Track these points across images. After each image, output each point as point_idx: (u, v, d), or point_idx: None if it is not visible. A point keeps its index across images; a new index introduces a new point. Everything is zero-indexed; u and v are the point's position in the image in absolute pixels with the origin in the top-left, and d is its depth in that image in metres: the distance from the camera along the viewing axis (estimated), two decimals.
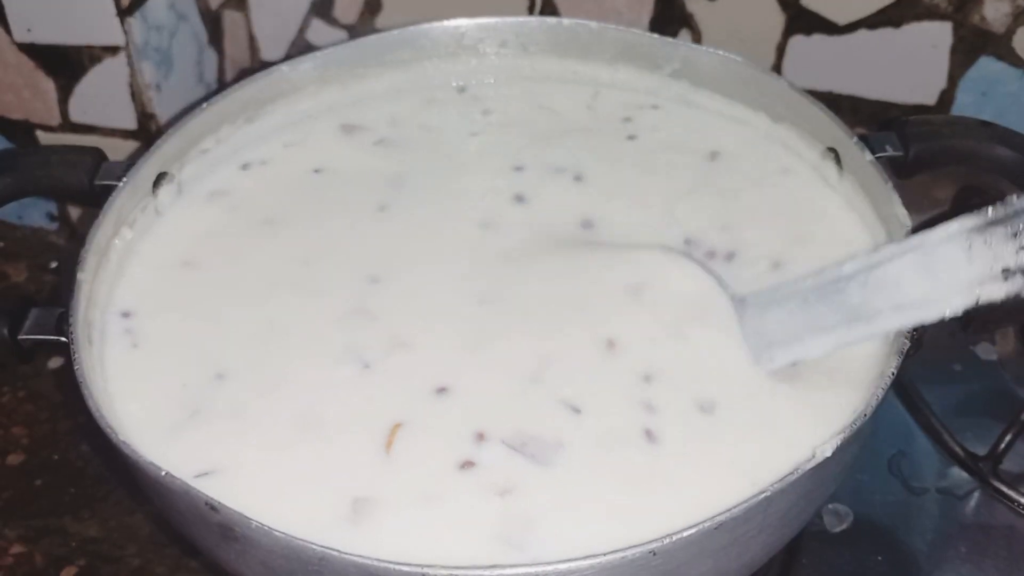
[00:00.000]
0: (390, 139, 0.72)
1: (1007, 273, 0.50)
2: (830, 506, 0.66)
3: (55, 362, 0.83)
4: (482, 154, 0.72)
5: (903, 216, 0.59)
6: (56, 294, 0.89)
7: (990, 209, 0.51)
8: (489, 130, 0.73)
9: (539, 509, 0.52)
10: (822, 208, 0.66)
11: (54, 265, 0.92)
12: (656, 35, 0.72)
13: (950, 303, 0.52)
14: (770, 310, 0.58)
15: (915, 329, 0.54)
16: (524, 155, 0.70)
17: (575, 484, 0.53)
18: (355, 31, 0.90)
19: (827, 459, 0.50)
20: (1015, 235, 0.50)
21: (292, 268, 0.64)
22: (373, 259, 0.64)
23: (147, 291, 0.64)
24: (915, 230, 0.77)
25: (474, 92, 0.75)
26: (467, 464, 0.54)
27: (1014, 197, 0.51)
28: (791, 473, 0.49)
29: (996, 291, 0.51)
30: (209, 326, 0.61)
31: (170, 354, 0.60)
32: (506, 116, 0.74)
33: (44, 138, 0.86)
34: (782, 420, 0.55)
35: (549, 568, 0.46)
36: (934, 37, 0.80)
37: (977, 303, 0.51)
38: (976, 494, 0.67)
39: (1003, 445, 0.67)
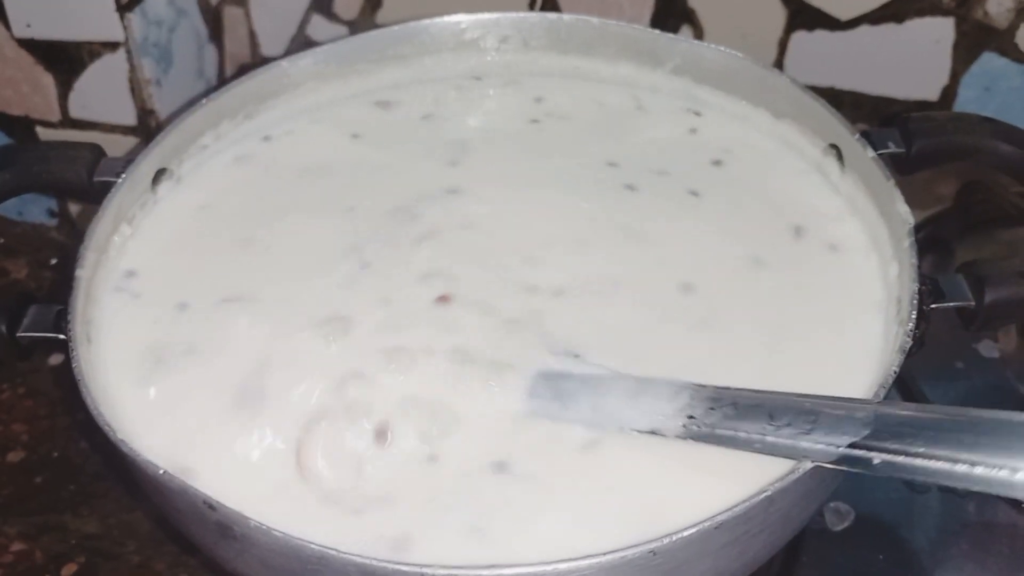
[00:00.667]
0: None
1: (701, 428, 0.53)
2: (832, 504, 0.66)
3: (55, 359, 0.83)
4: None
5: (905, 213, 0.59)
6: (56, 291, 0.89)
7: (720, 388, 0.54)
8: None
9: None
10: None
11: (54, 261, 0.92)
12: (657, 31, 0.72)
13: (636, 424, 0.55)
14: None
15: (917, 327, 0.54)
16: None
17: None
18: (356, 26, 0.90)
19: None
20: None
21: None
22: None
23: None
24: (918, 227, 0.78)
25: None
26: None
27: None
28: (792, 472, 0.49)
29: (676, 432, 0.53)
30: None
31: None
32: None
33: (44, 134, 0.86)
34: None
35: (548, 568, 0.46)
36: (936, 32, 0.80)
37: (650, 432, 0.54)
38: (978, 493, 0.66)
39: None
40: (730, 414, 0.52)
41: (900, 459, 0.48)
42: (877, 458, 0.48)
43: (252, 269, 0.63)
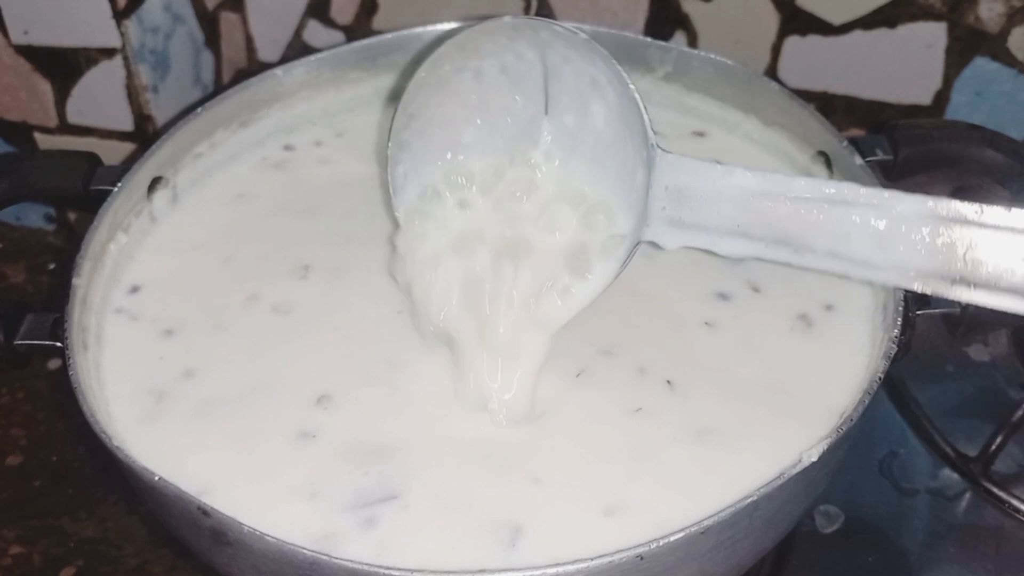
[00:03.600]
0: None
1: (954, 280, 0.50)
2: (821, 507, 0.67)
3: (54, 363, 0.83)
4: None
5: None
6: (54, 296, 0.89)
7: (975, 207, 0.51)
8: None
9: None
10: None
11: (52, 266, 0.92)
12: (649, 39, 0.72)
13: (886, 277, 0.52)
14: (693, 184, 0.55)
15: (903, 333, 0.54)
16: None
17: None
18: (351, 32, 0.90)
19: (814, 463, 0.50)
20: (967, 250, 0.50)
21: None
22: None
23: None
24: None
25: None
26: None
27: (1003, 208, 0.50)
28: (777, 478, 0.49)
29: (937, 290, 0.51)
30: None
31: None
32: None
33: (41, 140, 0.87)
34: None
35: (536, 573, 0.47)
36: (929, 37, 0.80)
37: (912, 291, 0.52)
38: (967, 495, 0.67)
39: (994, 446, 0.67)
40: None
41: None
42: None
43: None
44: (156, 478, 0.51)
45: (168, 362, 0.60)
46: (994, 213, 0.50)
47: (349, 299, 0.63)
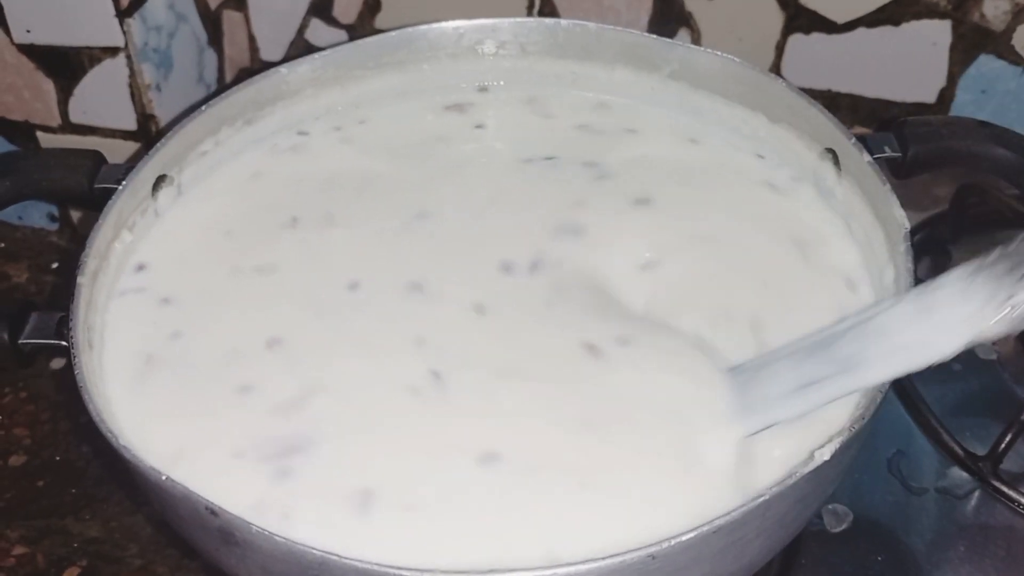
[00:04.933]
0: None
1: (1006, 302, 0.49)
2: (829, 506, 0.66)
3: (57, 363, 0.83)
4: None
5: (901, 217, 0.59)
6: (57, 295, 0.89)
7: (992, 254, 0.51)
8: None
9: None
10: None
11: (55, 265, 0.92)
12: (654, 36, 0.72)
13: (948, 343, 0.50)
14: (759, 374, 0.56)
15: None
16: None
17: None
18: (354, 31, 0.90)
19: (825, 462, 0.49)
20: (1013, 268, 0.50)
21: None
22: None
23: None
24: (915, 229, 0.78)
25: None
26: None
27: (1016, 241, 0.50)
28: (789, 477, 0.49)
29: (995, 323, 0.49)
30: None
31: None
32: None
33: (44, 139, 0.87)
34: None
35: (547, 572, 0.46)
36: (933, 35, 0.80)
37: (975, 339, 0.50)
38: (976, 494, 0.67)
39: (1003, 445, 0.67)
40: None
41: None
42: None
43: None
44: (163, 477, 0.50)
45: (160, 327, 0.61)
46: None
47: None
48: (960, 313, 0.50)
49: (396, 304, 0.62)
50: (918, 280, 0.56)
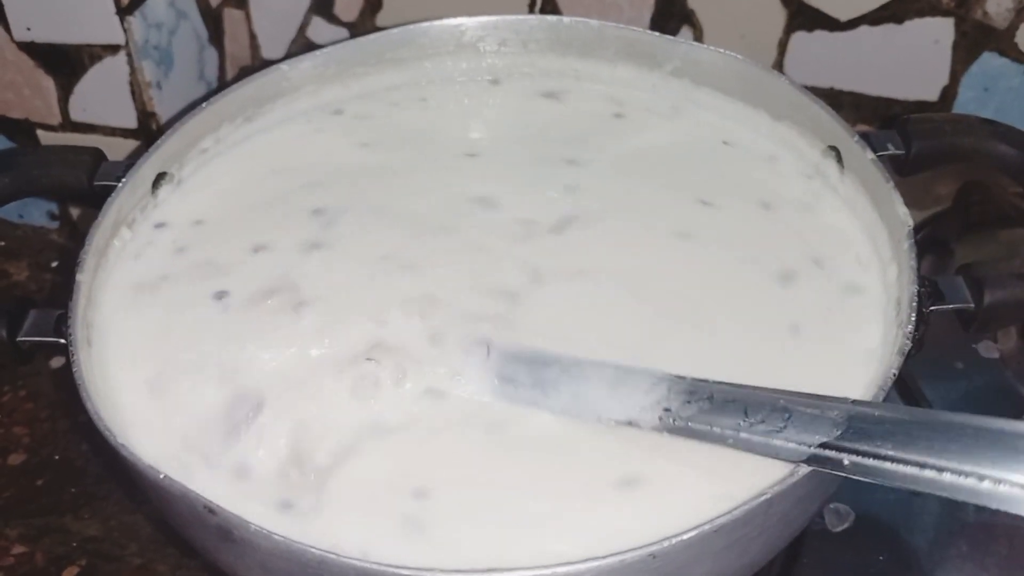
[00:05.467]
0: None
1: (676, 419, 0.54)
2: (832, 505, 0.66)
3: (56, 361, 0.83)
4: None
5: (904, 215, 0.59)
6: (57, 293, 0.89)
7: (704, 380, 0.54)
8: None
9: None
10: None
11: (55, 264, 0.92)
12: (656, 33, 0.72)
13: (610, 414, 0.55)
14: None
15: (916, 329, 0.54)
16: None
17: None
18: (356, 28, 0.90)
19: None
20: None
21: None
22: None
23: None
24: (918, 227, 0.78)
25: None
26: None
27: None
28: (791, 475, 0.49)
29: (646, 424, 0.54)
30: None
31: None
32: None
33: (44, 137, 0.86)
34: None
35: (547, 572, 0.46)
36: (936, 33, 0.80)
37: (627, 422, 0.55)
38: None
39: None
40: (706, 408, 0.53)
41: (870, 462, 0.48)
42: (847, 459, 0.49)
43: None
44: (161, 476, 0.50)
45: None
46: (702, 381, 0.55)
47: None
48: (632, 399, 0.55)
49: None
50: (921, 278, 0.56)
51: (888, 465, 0.48)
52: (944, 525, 0.66)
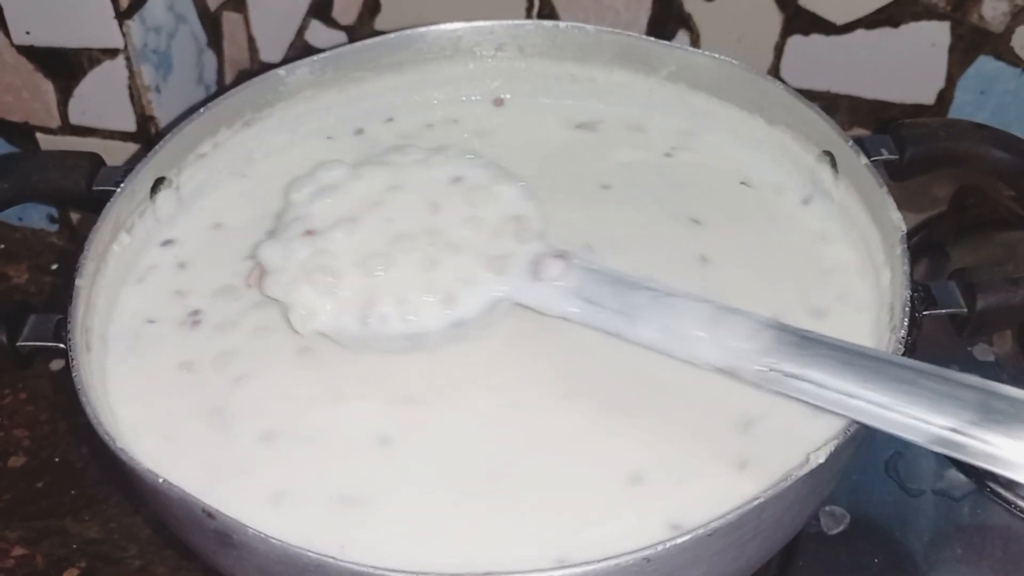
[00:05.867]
0: None
1: (771, 369, 0.52)
2: (827, 508, 0.67)
3: (56, 364, 0.83)
4: None
5: (898, 220, 0.59)
6: (57, 296, 0.89)
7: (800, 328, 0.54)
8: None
9: None
10: None
11: (55, 266, 0.92)
12: (652, 38, 0.72)
13: (707, 355, 0.54)
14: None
15: (909, 334, 0.54)
16: None
17: None
18: (354, 32, 0.90)
19: (821, 464, 0.50)
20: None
21: None
22: None
23: None
24: (914, 230, 0.78)
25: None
26: None
27: None
28: (785, 479, 0.49)
29: (754, 378, 0.53)
30: None
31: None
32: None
33: (43, 140, 0.87)
34: None
35: (542, 575, 0.47)
36: (932, 36, 0.80)
37: (724, 368, 0.53)
38: (973, 496, 0.67)
39: None
40: (811, 364, 0.51)
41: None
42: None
43: None
44: (160, 480, 0.51)
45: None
46: (811, 332, 0.54)
47: None
48: (729, 342, 0.54)
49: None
50: (914, 283, 0.56)
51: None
52: (939, 528, 0.67)
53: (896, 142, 0.64)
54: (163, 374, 0.60)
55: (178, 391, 0.59)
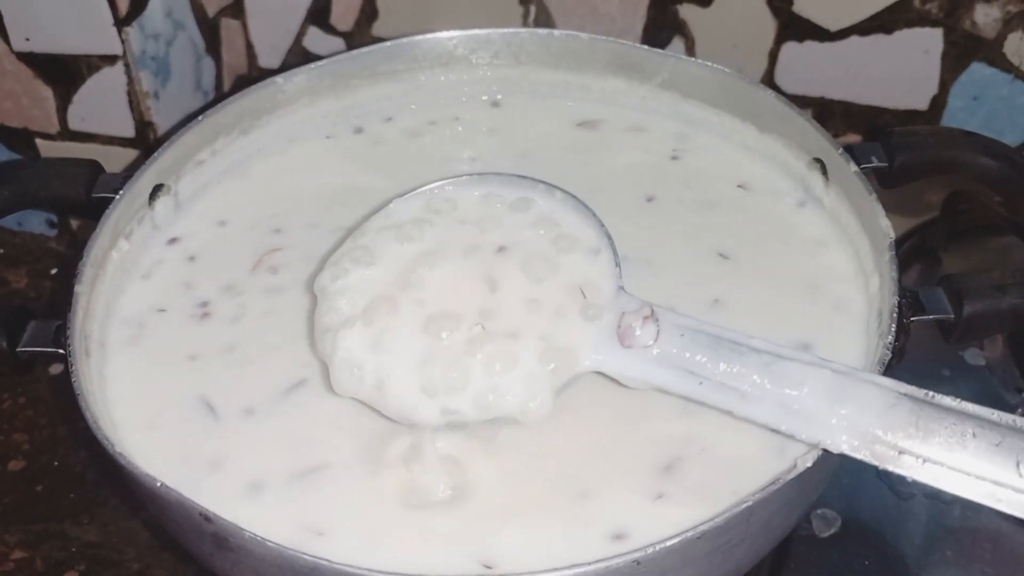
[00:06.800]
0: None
1: (901, 451, 0.49)
2: (818, 511, 0.67)
3: (55, 368, 0.83)
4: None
5: (886, 227, 0.60)
6: (56, 300, 0.90)
7: (931, 393, 0.51)
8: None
9: None
10: None
11: (54, 271, 0.93)
12: (646, 47, 0.73)
13: (834, 439, 0.50)
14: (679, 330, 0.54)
15: (896, 340, 0.55)
16: None
17: None
18: (352, 38, 0.90)
19: (808, 469, 0.50)
20: (918, 422, 0.50)
21: None
22: None
23: None
24: (906, 236, 0.78)
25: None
26: None
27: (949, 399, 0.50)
28: (772, 483, 0.49)
29: (882, 460, 0.50)
30: None
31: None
32: None
33: (43, 146, 0.87)
34: None
35: None
36: (925, 43, 0.81)
37: (859, 456, 0.50)
38: (963, 499, 0.67)
39: None
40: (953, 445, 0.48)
41: None
42: None
43: None
44: (158, 484, 0.51)
45: None
46: (943, 399, 0.50)
47: None
48: (861, 425, 0.50)
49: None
50: (902, 288, 0.57)
51: None
52: (930, 530, 0.67)
53: (886, 149, 0.65)
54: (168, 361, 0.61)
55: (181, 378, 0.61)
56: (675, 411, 0.56)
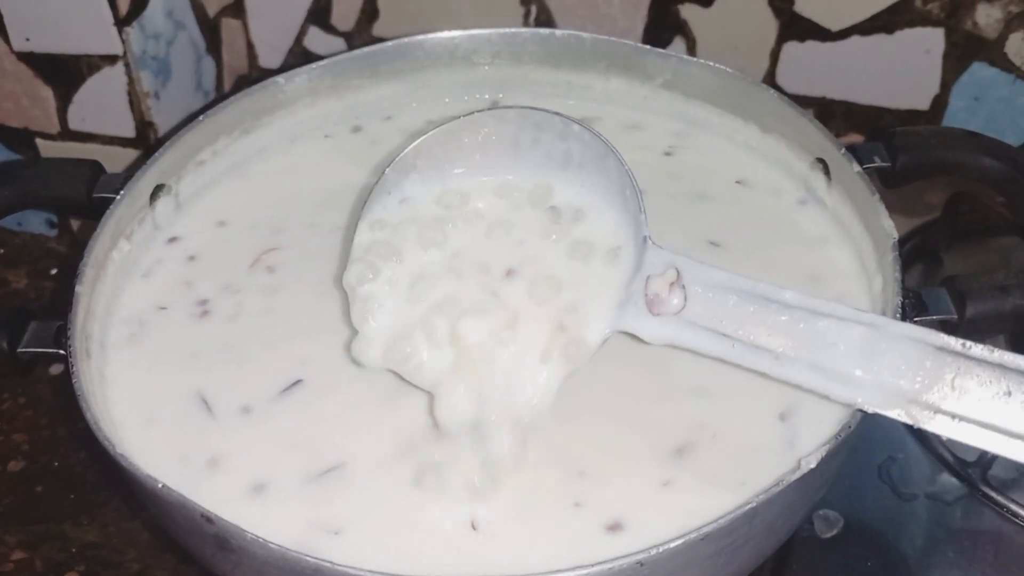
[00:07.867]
0: None
1: (937, 410, 0.49)
2: (820, 512, 0.67)
3: (55, 368, 0.84)
4: None
5: (889, 227, 0.59)
6: (56, 300, 0.90)
7: (968, 342, 0.50)
8: None
9: None
10: None
11: (54, 271, 0.93)
12: (648, 47, 0.73)
13: (869, 398, 0.50)
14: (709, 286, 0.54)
15: None
16: None
17: None
18: (352, 38, 0.90)
19: (812, 470, 0.50)
20: (954, 379, 0.49)
21: None
22: None
23: None
24: (908, 236, 0.78)
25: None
26: None
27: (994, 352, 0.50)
28: (776, 484, 0.49)
29: (917, 419, 0.49)
30: None
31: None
32: None
33: (43, 146, 0.87)
34: None
35: None
36: (927, 43, 0.81)
37: (893, 415, 0.50)
38: (965, 500, 0.68)
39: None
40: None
41: None
42: None
43: None
44: (159, 485, 0.51)
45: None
46: (979, 350, 0.50)
47: None
48: (898, 385, 0.50)
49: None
50: (905, 289, 0.57)
51: None
52: (932, 532, 0.67)
53: (888, 150, 0.65)
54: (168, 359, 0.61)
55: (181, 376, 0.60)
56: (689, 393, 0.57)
